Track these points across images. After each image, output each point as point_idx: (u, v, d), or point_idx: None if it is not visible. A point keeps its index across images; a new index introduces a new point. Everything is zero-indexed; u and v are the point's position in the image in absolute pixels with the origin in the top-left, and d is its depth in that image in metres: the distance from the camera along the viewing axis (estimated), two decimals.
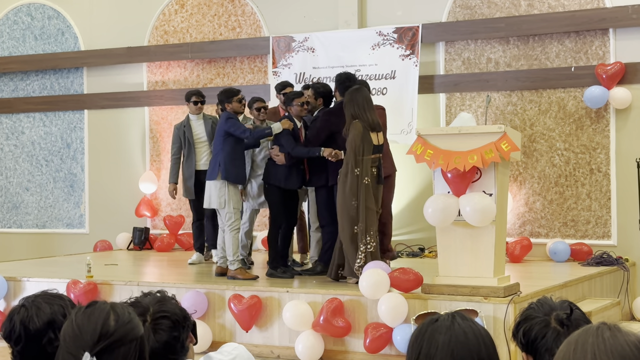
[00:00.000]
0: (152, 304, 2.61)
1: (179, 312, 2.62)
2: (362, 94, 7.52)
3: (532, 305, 2.63)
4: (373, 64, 10.24)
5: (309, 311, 7.04)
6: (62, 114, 12.32)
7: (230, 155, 8.13)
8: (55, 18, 12.38)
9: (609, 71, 9.27)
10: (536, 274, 8.51)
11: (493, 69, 9.97)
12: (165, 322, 2.59)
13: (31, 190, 12.49)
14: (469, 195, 6.42)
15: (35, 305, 2.73)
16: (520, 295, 6.54)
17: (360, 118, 7.39)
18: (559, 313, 2.56)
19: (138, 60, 11.78)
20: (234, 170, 8.16)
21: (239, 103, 8.38)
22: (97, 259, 9.69)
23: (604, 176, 9.46)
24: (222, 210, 8.17)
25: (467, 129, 6.56)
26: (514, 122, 9.82)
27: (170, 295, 2.72)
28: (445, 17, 10.19)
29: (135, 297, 2.68)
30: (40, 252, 11.71)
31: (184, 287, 7.67)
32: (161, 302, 2.62)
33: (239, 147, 8.24)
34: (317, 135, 7.98)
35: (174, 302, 2.67)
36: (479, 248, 6.49)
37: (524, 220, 9.81)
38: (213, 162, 8.25)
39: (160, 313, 2.58)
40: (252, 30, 11.22)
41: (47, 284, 7.80)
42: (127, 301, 2.59)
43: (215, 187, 8.13)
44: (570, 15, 9.53)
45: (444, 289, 6.62)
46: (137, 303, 2.63)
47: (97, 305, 2.27)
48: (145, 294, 2.70)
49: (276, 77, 10.77)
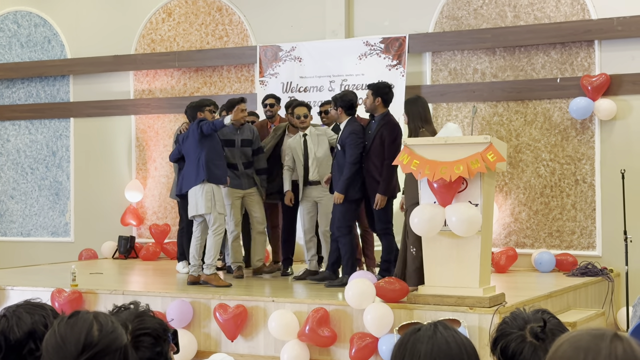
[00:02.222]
0: (130, 321, 2.51)
1: (159, 326, 2.54)
2: (424, 103, 7.47)
3: (506, 320, 2.60)
4: (360, 73, 10.26)
5: (294, 321, 7.03)
6: (48, 121, 12.28)
7: (209, 157, 8.20)
8: (42, 26, 12.35)
9: (594, 82, 9.32)
10: (521, 284, 8.53)
11: (479, 79, 10.02)
12: (146, 340, 2.49)
13: (16, 198, 12.43)
14: (455, 205, 6.44)
15: (16, 315, 2.71)
16: (505, 306, 6.56)
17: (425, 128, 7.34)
18: (533, 326, 2.54)
19: (125, 68, 11.77)
20: (216, 171, 8.22)
21: (211, 113, 8.44)
22: (82, 267, 9.65)
23: (589, 187, 9.50)
24: (207, 215, 8.18)
25: (454, 139, 6.57)
26: (500, 133, 9.85)
27: (144, 306, 2.63)
28: (432, 28, 10.22)
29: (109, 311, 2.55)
30: (24, 261, 11.64)
31: (170, 296, 7.65)
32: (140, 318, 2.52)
33: (218, 148, 8.31)
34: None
35: (150, 314, 2.57)
36: (464, 258, 6.50)
37: (509, 231, 9.84)
38: (195, 168, 8.25)
39: (140, 330, 2.49)
40: (239, 39, 11.22)
41: (32, 292, 7.75)
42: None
43: (200, 191, 8.16)
44: (556, 27, 9.59)
45: (430, 299, 6.63)
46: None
47: (80, 315, 2.25)
48: (118, 308, 2.61)
49: (263, 86, 10.78)
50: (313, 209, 8.70)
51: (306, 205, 8.71)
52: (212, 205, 8.15)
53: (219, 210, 8.20)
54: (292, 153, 8.77)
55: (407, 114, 7.46)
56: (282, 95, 10.65)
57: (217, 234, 8.20)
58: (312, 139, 8.70)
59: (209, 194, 8.15)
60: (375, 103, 7.98)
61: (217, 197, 8.22)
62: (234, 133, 8.81)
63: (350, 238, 8.06)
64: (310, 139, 8.70)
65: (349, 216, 8.06)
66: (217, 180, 8.24)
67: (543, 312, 2.61)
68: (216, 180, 8.23)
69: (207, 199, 8.14)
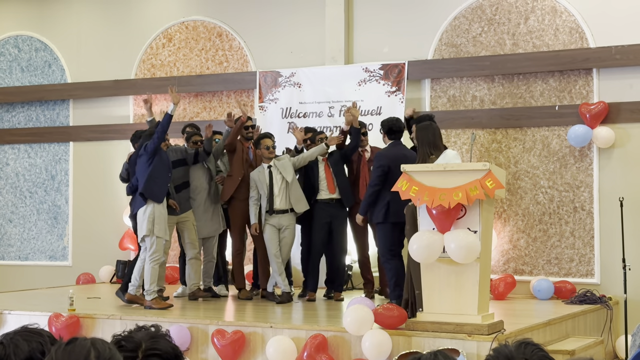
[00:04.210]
0: (145, 340, 2.54)
1: (171, 351, 2.57)
2: (435, 129, 7.51)
3: (489, 358, 2.56)
4: (359, 100, 10.28)
5: (292, 347, 7.00)
6: (47, 145, 12.30)
7: (151, 175, 8.29)
8: (43, 50, 12.40)
9: (593, 110, 9.35)
10: (520, 311, 8.51)
11: (478, 106, 10.05)
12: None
13: (14, 221, 12.42)
14: (454, 232, 6.44)
15: (13, 343, 2.70)
16: (504, 333, 6.54)
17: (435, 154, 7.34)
18: None
19: (125, 93, 11.80)
20: (155, 188, 8.30)
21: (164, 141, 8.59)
22: (79, 292, 9.62)
23: (587, 214, 9.51)
24: (147, 239, 8.25)
25: (452, 166, 6.59)
26: (499, 160, 9.87)
27: (164, 331, 2.67)
28: (431, 55, 10.27)
29: (129, 330, 2.64)
30: (22, 285, 11.61)
31: (167, 321, 7.62)
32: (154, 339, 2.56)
33: (160, 167, 8.36)
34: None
35: (167, 338, 2.61)
36: (463, 285, 6.49)
37: (508, 258, 9.83)
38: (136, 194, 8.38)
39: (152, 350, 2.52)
40: (239, 64, 11.27)
41: (29, 317, 7.73)
42: (120, 334, 2.55)
43: (143, 212, 8.26)
44: (554, 55, 9.63)
45: (428, 326, 6.60)
46: (130, 338, 2.58)
47: (77, 342, 2.24)
48: (139, 328, 2.65)
49: (262, 111, 10.81)
50: (275, 235, 8.87)
51: (269, 232, 8.87)
52: (151, 227, 8.21)
53: (157, 234, 8.24)
54: (257, 185, 8.94)
55: (417, 139, 7.48)
56: (281, 121, 10.71)
57: (152, 260, 8.28)
58: (277, 169, 8.89)
59: (150, 216, 8.21)
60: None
61: (158, 220, 8.26)
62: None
63: (394, 263, 8.11)
64: (274, 170, 8.89)
65: (388, 241, 8.14)
66: (155, 196, 8.28)
67: (527, 345, 2.53)
68: (154, 196, 8.27)
69: (148, 221, 8.22)
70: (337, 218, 9.05)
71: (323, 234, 9.03)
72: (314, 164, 9.10)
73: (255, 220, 8.95)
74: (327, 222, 9.01)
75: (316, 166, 9.09)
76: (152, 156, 8.30)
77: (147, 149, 8.35)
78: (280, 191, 8.86)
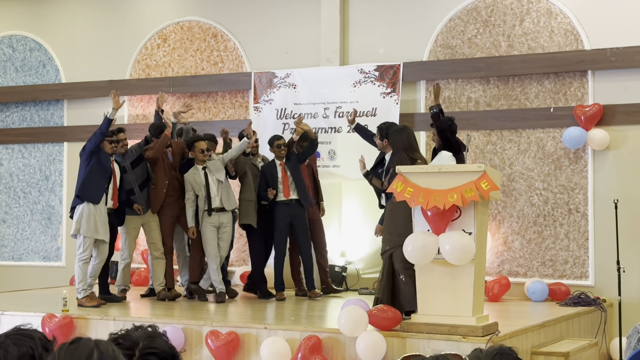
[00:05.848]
0: (142, 339, 2.54)
1: (168, 350, 2.57)
2: (409, 133, 7.49)
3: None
4: (354, 101, 10.29)
5: (286, 348, 6.99)
6: (41, 145, 12.27)
7: (88, 176, 8.36)
8: (37, 50, 12.37)
9: (588, 112, 9.36)
10: (514, 313, 8.51)
11: (473, 108, 10.05)
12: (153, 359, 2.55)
13: (8, 222, 12.39)
14: (449, 233, 6.43)
15: (3, 348, 2.69)
16: (498, 335, 6.53)
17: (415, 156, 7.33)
18: None
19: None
20: (92, 189, 8.36)
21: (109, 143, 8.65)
22: (73, 292, 9.58)
23: (582, 216, 9.51)
24: (77, 237, 8.37)
25: (447, 167, 6.59)
26: (494, 161, 9.87)
27: (161, 331, 2.68)
28: (427, 56, 10.27)
29: (126, 329, 2.64)
30: (15, 285, 11.57)
31: (161, 322, 7.60)
32: (151, 338, 2.57)
33: (98, 168, 8.42)
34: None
35: (164, 338, 2.62)
36: (458, 287, 6.48)
37: (502, 259, 9.83)
38: None
39: (149, 349, 2.53)
40: (234, 65, 11.25)
41: (22, 317, 7.71)
42: (117, 333, 2.56)
43: (77, 211, 8.36)
44: (549, 57, 9.64)
45: (423, 328, 6.60)
46: (127, 336, 2.59)
47: (80, 342, 2.24)
48: (136, 327, 2.65)
49: (257, 112, 10.80)
50: (214, 235, 9.03)
51: (209, 232, 9.00)
52: (79, 227, 8.31)
53: (84, 234, 8.30)
54: (193, 186, 9.06)
55: (392, 145, 7.51)
56: (276, 122, 10.70)
57: (80, 260, 8.40)
58: (211, 169, 9.07)
59: (80, 215, 8.29)
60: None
61: (89, 220, 8.33)
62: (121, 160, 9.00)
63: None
64: (208, 171, 9.06)
65: None
66: (90, 198, 8.34)
67: (502, 355, 2.51)
68: (89, 197, 8.34)
69: (77, 221, 8.33)
70: (297, 217, 9.27)
71: (286, 234, 9.29)
72: (272, 167, 9.29)
73: (192, 223, 9.07)
74: (288, 222, 9.26)
75: (275, 169, 9.29)
76: (89, 157, 8.36)
77: (85, 150, 8.42)
78: (218, 190, 9.05)
